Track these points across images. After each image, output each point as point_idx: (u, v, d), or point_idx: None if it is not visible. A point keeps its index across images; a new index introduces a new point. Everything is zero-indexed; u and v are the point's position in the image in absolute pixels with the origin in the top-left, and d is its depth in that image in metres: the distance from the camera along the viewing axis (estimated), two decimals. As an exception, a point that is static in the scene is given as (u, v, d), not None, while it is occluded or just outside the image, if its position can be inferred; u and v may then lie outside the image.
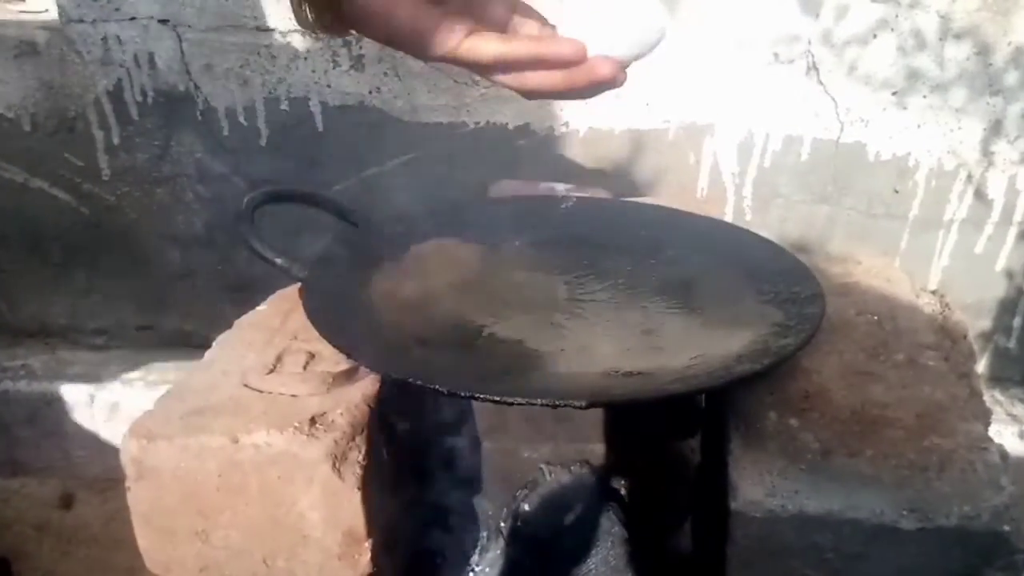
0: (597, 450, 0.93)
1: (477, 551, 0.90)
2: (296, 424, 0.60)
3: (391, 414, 0.69)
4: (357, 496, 0.60)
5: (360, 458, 0.61)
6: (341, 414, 0.62)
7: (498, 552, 0.88)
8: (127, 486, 0.62)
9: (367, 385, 0.66)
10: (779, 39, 1.19)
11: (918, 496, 0.55)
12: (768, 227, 1.28)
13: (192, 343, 1.47)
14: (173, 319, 1.46)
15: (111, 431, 1.37)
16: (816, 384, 0.66)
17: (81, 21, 1.22)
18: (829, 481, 0.56)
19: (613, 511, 0.88)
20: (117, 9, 1.21)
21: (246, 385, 0.66)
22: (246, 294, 1.41)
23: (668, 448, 0.96)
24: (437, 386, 0.58)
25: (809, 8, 1.17)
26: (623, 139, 1.26)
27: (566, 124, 1.26)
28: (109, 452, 1.38)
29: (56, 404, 1.36)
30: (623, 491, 0.90)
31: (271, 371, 0.67)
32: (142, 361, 1.43)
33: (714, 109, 1.24)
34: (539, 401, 0.57)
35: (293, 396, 0.64)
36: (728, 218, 1.27)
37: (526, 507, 0.90)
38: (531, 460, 0.93)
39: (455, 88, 1.24)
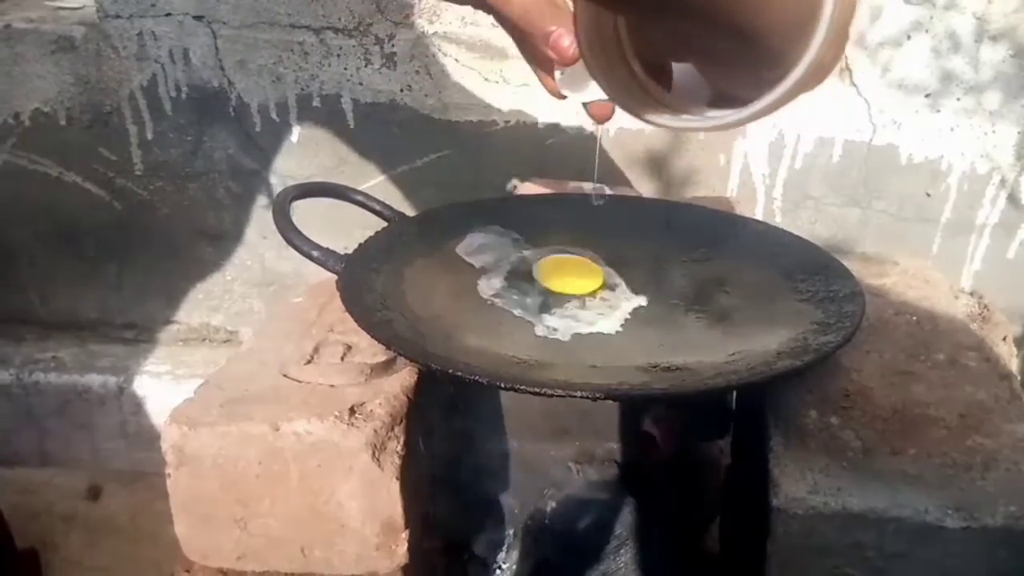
0: (625, 449, 0.93)
1: (504, 548, 0.90)
2: (336, 413, 0.60)
3: (426, 407, 0.69)
4: (396, 486, 0.61)
5: (399, 448, 0.61)
6: (380, 404, 0.62)
7: (525, 549, 0.88)
8: (167, 473, 0.62)
9: (405, 376, 0.67)
10: (812, 40, 1.19)
11: (963, 495, 0.55)
12: (798, 229, 1.27)
13: (219, 337, 1.48)
14: (201, 313, 1.47)
15: (139, 424, 1.38)
16: (856, 383, 0.66)
17: (118, 16, 1.23)
18: (872, 479, 0.56)
19: (641, 510, 0.88)
20: (153, 5, 1.22)
21: (285, 375, 0.66)
22: (273, 289, 1.43)
23: (697, 448, 0.96)
24: (477, 377, 0.58)
25: (843, 9, 1.17)
26: (653, 139, 1.26)
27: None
28: (137, 445, 1.40)
29: (85, 396, 1.38)
30: (651, 490, 0.90)
31: (309, 361, 0.67)
32: (170, 355, 1.45)
33: (745, 110, 1.24)
34: (579, 394, 0.57)
35: (332, 386, 0.65)
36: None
37: (554, 505, 0.90)
38: (559, 458, 0.93)
39: (485, 86, 1.24)
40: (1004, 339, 0.73)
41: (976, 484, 0.55)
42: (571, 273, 0.78)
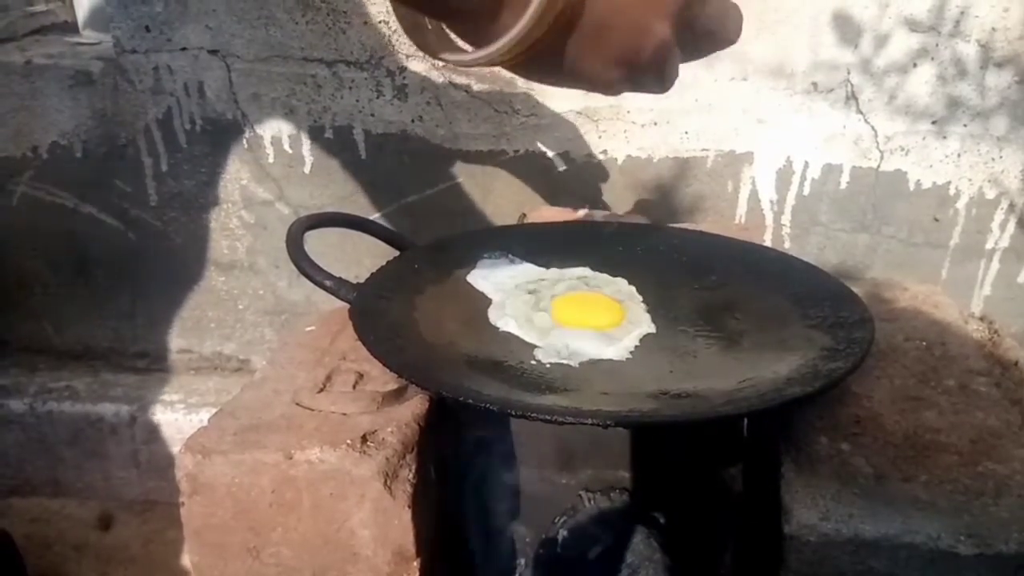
0: (636, 477, 0.93)
1: (516, 577, 0.89)
2: (348, 441, 0.61)
3: (436, 435, 0.70)
4: (407, 514, 0.61)
5: (410, 476, 0.62)
6: (392, 432, 0.63)
7: (536, 578, 0.88)
8: (181, 501, 0.63)
9: (416, 404, 0.67)
10: (818, 68, 1.20)
11: (976, 522, 0.54)
12: (807, 255, 1.27)
13: (231, 366, 1.49)
14: (214, 342, 1.48)
15: (151, 453, 1.39)
16: (866, 409, 0.66)
17: (135, 52, 1.26)
18: (884, 505, 0.56)
19: (653, 538, 0.87)
20: (169, 40, 1.25)
21: (298, 403, 0.67)
22: (285, 318, 1.44)
23: (708, 476, 0.96)
24: (488, 404, 0.59)
25: (848, 37, 1.18)
26: (661, 167, 1.27)
27: (604, 152, 1.27)
28: (148, 474, 1.40)
29: (98, 425, 1.38)
30: (663, 518, 0.90)
31: (321, 390, 0.68)
32: (183, 384, 1.45)
33: (753, 137, 1.25)
34: (589, 421, 0.57)
35: (344, 414, 0.65)
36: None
37: (564, 533, 0.90)
38: (569, 486, 0.92)
39: (496, 117, 1.26)
40: (1015, 364, 0.73)
41: (989, 510, 0.55)
42: (587, 313, 0.77)
